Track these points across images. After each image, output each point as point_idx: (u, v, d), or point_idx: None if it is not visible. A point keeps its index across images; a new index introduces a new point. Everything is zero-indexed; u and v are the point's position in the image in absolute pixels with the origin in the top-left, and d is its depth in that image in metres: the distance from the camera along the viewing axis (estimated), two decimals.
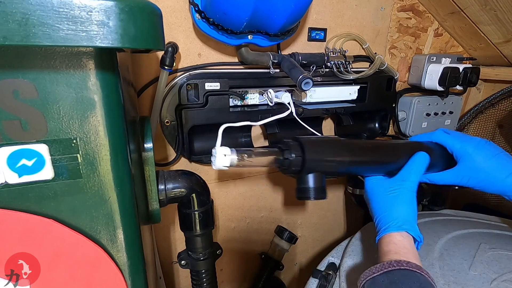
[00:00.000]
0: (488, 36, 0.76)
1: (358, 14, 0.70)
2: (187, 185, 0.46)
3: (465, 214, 0.69)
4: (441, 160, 0.49)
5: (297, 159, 0.39)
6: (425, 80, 0.78)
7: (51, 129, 0.26)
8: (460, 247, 0.50)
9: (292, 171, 0.41)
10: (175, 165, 0.64)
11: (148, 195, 0.41)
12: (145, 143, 0.40)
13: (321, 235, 0.93)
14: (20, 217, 0.27)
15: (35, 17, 0.20)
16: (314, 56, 0.63)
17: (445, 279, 0.44)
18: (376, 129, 0.81)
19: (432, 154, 0.47)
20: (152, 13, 0.24)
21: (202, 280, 0.54)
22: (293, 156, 0.39)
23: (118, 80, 0.27)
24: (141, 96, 0.57)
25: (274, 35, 0.54)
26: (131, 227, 0.31)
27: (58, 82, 0.25)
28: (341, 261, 0.53)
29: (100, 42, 0.22)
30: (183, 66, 0.58)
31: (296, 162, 0.40)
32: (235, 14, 0.46)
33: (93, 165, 0.28)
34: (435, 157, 0.48)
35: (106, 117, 0.27)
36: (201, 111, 0.57)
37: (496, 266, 0.45)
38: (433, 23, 0.81)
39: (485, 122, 0.92)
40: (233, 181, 0.72)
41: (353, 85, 0.70)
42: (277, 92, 0.64)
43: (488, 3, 0.66)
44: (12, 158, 0.25)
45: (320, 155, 0.41)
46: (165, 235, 0.70)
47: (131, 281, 0.32)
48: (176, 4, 0.54)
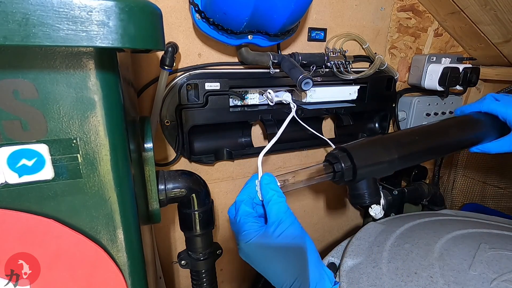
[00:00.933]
0: (488, 36, 0.76)
1: (358, 14, 0.70)
2: (187, 185, 0.46)
3: (465, 214, 0.69)
4: (493, 130, 0.48)
5: (348, 170, 0.40)
6: (425, 80, 0.78)
7: (51, 129, 0.26)
8: (460, 247, 0.50)
9: (345, 182, 0.41)
10: (175, 165, 0.64)
11: (148, 195, 0.41)
12: (145, 143, 0.40)
13: (321, 235, 0.93)
14: (20, 217, 0.27)
15: (35, 17, 0.20)
16: (314, 56, 0.63)
17: (445, 279, 0.44)
18: (376, 129, 0.81)
19: (483, 127, 0.46)
20: (152, 13, 0.24)
21: (202, 280, 0.54)
22: (344, 167, 0.40)
23: (118, 80, 0.27)
24: (141, 96, 0.57)
25: (274, 35, 0.54)
26: (131, 227, 0.31)
27: (58, 82, 0.25)
28: (341, 261, 0.53)
29: (100, 42, 0.22)
30: (183, 66, 0.58)
31: (348, 173, 0.40)
32: (235, 14, 0.46)
33: (93, 165, 0.28)
34: (487, 129, 0.47)
35: (106, 117, 0.27)
36: (201, 111, 0.57)
37: (496, 266, 0.45)
38: (433, 23, 0.81)
39: None
40: (233, 181, 0.72)
41: (353, 85, 0.70)
42: (277, 92, 0.64)
43: (488, 3, 0.66)
44: (12, 158, 0.25)
45: (370, 160, 0.41)
46: (165, 235, 0.70)
47: (131, 281, 0.32)
48: (176, 4, 0.54)
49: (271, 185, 0.40)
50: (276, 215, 0.38)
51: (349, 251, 0.54)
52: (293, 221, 0.39)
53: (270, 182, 0.40)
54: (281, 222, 0.37)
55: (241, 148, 0.67)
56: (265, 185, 0.40)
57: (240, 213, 0.40)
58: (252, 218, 0.39)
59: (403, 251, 0.52)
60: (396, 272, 0.47)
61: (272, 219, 0.38)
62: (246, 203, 0.40)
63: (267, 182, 0.40)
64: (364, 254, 0.53)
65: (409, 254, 0.50)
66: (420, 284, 0.44)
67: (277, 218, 0.38)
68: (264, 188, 0.40)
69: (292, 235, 0.37)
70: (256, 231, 0.38)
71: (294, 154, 0.77)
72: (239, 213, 0.40)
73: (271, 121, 0.63)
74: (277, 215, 0.38)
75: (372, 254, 0.52)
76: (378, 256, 0.51)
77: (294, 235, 0.38)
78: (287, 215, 0.38)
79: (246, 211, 0.40)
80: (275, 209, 0.38)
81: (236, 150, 0.65)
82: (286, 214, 0.38)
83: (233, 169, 0.71)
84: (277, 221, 0.37)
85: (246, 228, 0.38)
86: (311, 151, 0.79)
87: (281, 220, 0.38)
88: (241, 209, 0.40)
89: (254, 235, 0.37)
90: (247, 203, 0.40)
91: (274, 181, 0.41)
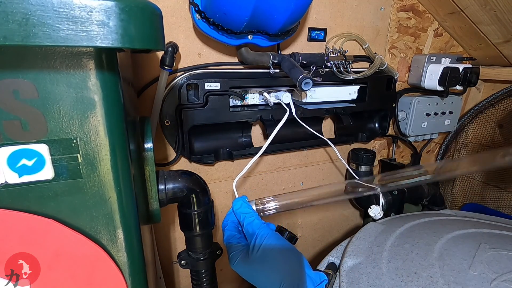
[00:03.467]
0: (488, 36, 0.76)
1: (358, 14, 0.71)
2: (187, 185, 0.46)
3: (465, 214, 0.69)
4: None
5: None
6: (425, 80, 0.78)
7: (51, 129, 0.26)
8: (460, 247, 0.50)
9: None
10: (175, 165, 0.64)
11: (148, 195, 0.41)
12: (145, 143, 0.40)
13: (321, 235, 0.93)
14: (20, 217, 0.27)
15: (35, 17, 0.20)
16: (314, 56, 0.63)
17: (445, 279, 0.44)
18: (376, 129, 0.81)
19: None
20: (152, 13, 0.24)
21: (202, 280, 0.54)
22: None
23: (118, 80, 0.27)
24: (141, 96, 0.57)
25: (274, 35, 0.54)
26: (131, 227, 0.31)
27: (58, 82, 0.25)
28: (341, 261, 0.53)
29: (100, 42, 0.22)
30: (183, 66, 0.58)
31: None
32: (235, 14, 0.46)
33: (93, 165, 0.28)
34: None
35: (106, 117, 0.27)
36: (201, 111, 0.57)
37: (496, 266, 0.45)
38: (433, 23, 0.81)
39: (485, 122, 0.92)
40: (232, 181, 0.72)
41: (353, 85, 0.70)
42: (277, 93, 0.64)
43: (488, 3, 0.66)
44: (12, 158, 0.25)
45: None
46: (165, 235, 0.70)
47: (131, 281, 0.32)
48: (176, 4, 0.54)
49: (241, 209, 0.45)
50: (251, 234, 0.42)
51: (349, 251, 0.54)
52: (268, 233, 0.42)
53: (240, 206, 0.45)
54: (257, 238, 0.41)
55: (241, 148, 0.67)
56: (236, 210, 0.45)
57: (225, 238, 0.45)
58: (236, 240, 0.44)
59: (403, 251, 0.52)
60: (396, 272, 0.47)
61: (249, 238, 0.43)
62: (229, 228, 0.45)
63: (238, 207, 0.46)
64: (364, 254, 0.53)
65: (409, 254, 0.50)
66: (420, 284, 0.44)
67: (253, 235, 0.42)
68: (237, 213, 0.45)
69: (270, 247, 0.41)
70: (240, 252, 0.42)
71: (294, 154, 0.77)
72: (224, 238, 0.45)
73: (271, 121, 0.63)
74: (252, 233, 0.42)
75: (372, 254, 0.52)
76: (378, 256, 0.51)
77: (272, 246, 0.41)
78: (261, 229, 0.42)
79: (229, 235, 0.44)
80: (249, 228, 0.43)
81: (236, 150, 0.65)
82: (260, 229, 0.42)
83: (233, 169, 0.71)
84: (253, 238, 0.41)
85: (231, 251, 0.43)
86: (311, 151, 0.79)
87: (256, 236, 0.41)
88: (225, 235, 0.45)
89: (238, 256, 0.42)
90: (230, 228, 0.45)
91: (245, 204, 0.46)
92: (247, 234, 0.43)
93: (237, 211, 0.45)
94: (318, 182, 0.84)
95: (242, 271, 0.41)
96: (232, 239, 0.44)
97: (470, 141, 0.96)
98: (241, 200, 0.46)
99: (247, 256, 0.41)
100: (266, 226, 0.43)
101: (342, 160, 0.72)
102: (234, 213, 0.46)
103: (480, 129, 0.93)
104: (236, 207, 0.46)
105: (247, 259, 0.41)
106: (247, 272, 0.41)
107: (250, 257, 0.40)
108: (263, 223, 0.43)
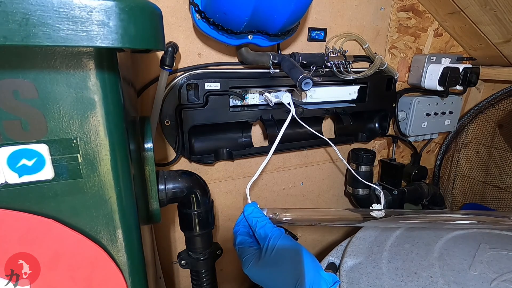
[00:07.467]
0: (488, 36, 0.76)
1: (358, 14, 0.70)
2: (187, 185, 0.46)
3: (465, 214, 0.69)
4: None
5: None
6: (425, 80, 0.78)
7: (51, 129, 0.26)
8: (460, 247, 0.50)
9: None
10: (175, 165, 0.64)
11: (148, 195, 0.41)
12: (145, 143, 0.40)
13: (321, 235, 0.93)
14: (20, 217, 0.27)
15: (35, 17, 0.20)
16: (314, 56, 0.63)
17: (445, 279, 0.44)
18: (376, 129, 0.81)
19: None
20: (152, 13, 0.24)
21: (202, 280, 0.54)
22: None
23: (118, 80, 0.27)
24: (141, 96, 0.57)
25: (274, 35, 0.54)
26: (131, 227, 0.31)
27: (58, 82, 0.25)
28: (341, 261, 0.54)
29: (100, 42, 0.22)
30: (183, 66, 0.58)
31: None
32: (235, 14, 0.46)
33: (93, 165, 0.28)
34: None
35: (106, 117, 0.27)
36: (201, 111, 0.57)
37: (496, 266, 0.45)
38: (433, 23, 0.81)
39: (485, 122, 0.92)
40: (233, 181, 0.72)
41: (353, 85, 0.70)
42: (277, 93, 0.64)
43: (488, 3, 0.66)
44: (12, 158, 0.25)
45: None
46: (165, 235, 0.70)
47: (131, 281, 0.32)
48: (176, 4, 0.54)
49: (253, 214, 0.46)
50: (264, 237, 0.43)
51: (349, 251, 0.54)
52: (281, 235, 0.43)
53: (252, 211, 0.47)
54: (270, 240, 0.42)
55: (241, 148, 0.67)
56: (248, 216, 0.47)
57: (237, 243, 0.46)
58: (248, 244, 0.45)
59: (403, 251, 0.52)
60: (396, 272, 0.47)
61: (261, 241, 0.43)
62: (241, 233, 0.47)
63: (249, 212, 0.47)
64: (364, 254, 0.53)
65: (409, 254, 0.50)
66: (420, 284, 0.44)
67: (265, 238, 0.43)
68: (248, 218, 0.47)
69: (283, 248, 0.41)
70: (253, 255, 0.43)
71: (294, 154, 0.77)
72: (236, 244, 0.46)
73: (271, 121, 0.63)
74: (265, 236, 0.43)
75: (372, 254, 0.53)
76: (378, 256, 0.51)
77: (285, 248, 0.42)
78: (274, 232, 0.43)
79: (241, 240, 0.46)
80: (262, 232, 0.44)
81: (236, 150, 0.65)
82: (273, 232, 0.43)
83: (233, 169, 0.71)
84: (267, 240, 0.42)
85: (244, 256, 0.44)
86: (311, 151, 0.79)
87: (269, 238, 0.42)
88: (237, 240, 0.46)
89: (251, 259, 0.42)
90: (242, 233, 0.47)
91: (255, 209, 0.47)
92: (259, 237, 0.44)
93: (249, 216, 0.47)
94: (318, 182, 0.84)
95: (255, 274, 0.42)
96: (245, 244, 0.45)
97: (470, 141, 0.96)
98: (252, 206, 0.48)
99: (260, 259, 0.42)
100: (278, 229, 0.44)
101: (342, 160, 0.72)
102: (245, 218, 0.47)
103: (480, 129, 0.93)
104: (248, 212, 0.47)
105: (261, 262, 0.41)
106: (261, 274, 0.42)
107: (264, 259, 0.41)
108: (275, 227, 0.44)
